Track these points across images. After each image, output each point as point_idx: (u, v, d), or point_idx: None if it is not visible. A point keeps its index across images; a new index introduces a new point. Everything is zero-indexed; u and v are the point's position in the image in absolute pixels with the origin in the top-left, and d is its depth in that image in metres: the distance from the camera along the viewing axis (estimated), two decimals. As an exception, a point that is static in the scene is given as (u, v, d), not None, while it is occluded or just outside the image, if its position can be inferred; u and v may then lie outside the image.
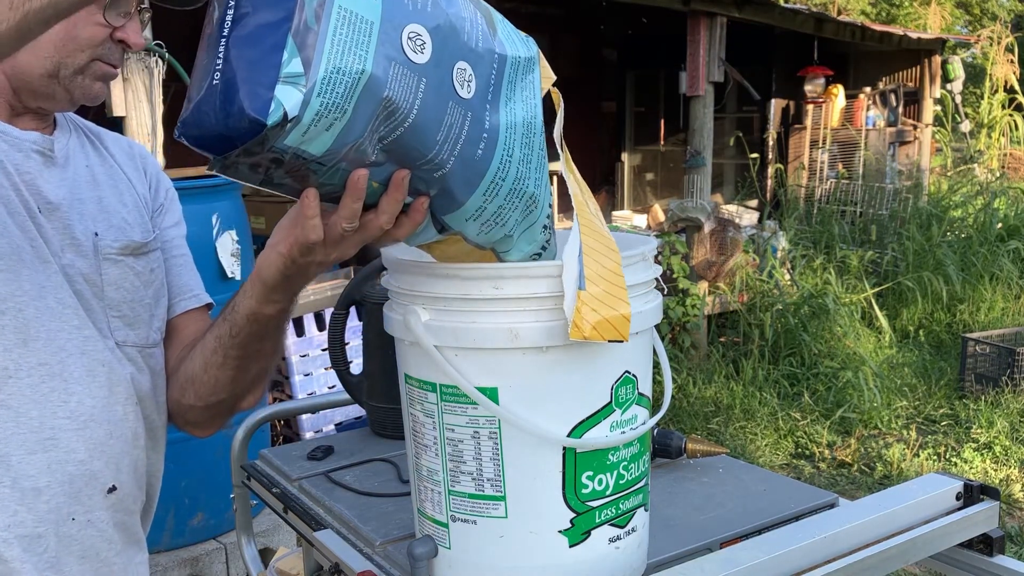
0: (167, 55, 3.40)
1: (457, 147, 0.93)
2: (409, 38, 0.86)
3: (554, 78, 1.10)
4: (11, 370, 1.08)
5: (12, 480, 1.08)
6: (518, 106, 1.01)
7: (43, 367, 1.10)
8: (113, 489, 1.18)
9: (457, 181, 0.95)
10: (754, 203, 8.32)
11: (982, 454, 4.76)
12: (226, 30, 0.81)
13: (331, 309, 1.65)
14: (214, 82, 0.80)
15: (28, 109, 1.17)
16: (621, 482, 1.07)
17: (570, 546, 1.05)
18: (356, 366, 1.70)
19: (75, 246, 1.17)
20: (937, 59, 9.69)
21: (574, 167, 1.09)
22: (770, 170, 8.76)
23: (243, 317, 1.12)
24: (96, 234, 1.19)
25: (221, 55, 0.81)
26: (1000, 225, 7.80)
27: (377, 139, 0.87)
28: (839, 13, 11.76)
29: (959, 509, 1.29)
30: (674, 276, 5.89)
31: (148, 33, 3.39)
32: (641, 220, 7.53)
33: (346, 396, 1.79)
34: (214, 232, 3.03)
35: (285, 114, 0.79)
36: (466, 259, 1.04)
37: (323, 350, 4.01)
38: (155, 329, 1.26)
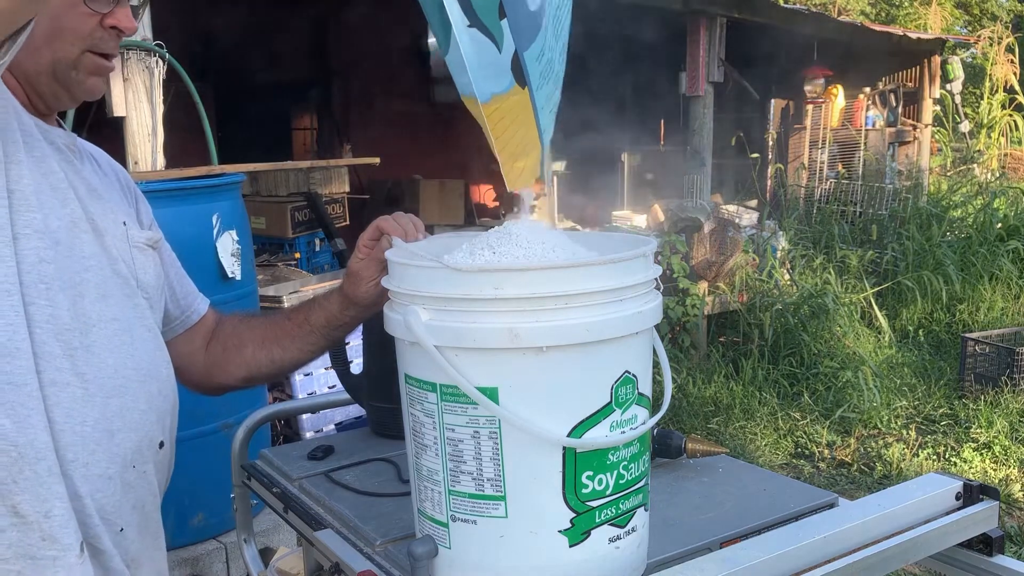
0: (167, 55, 3.40)
1: None
2: None
3: None
4: (93, 319, 1.15)
5: (95, 420, 1.14)
6: None
7: (116, 321, 1.18)
8: (162, 445, 1.26)
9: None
10: (754, 203, 8.31)
11: (981, 454, 4.76)
12: None
13: (331, 309, 1.65)
14: None
15: (39, 112, 1.20)
16: (621, 482, 1.07)
17: (570, 546, 1.06)
18: (356, 366, 1.70)
19: (114, 229, 1.23)
20: (937, 59, 9.70)
21: None
22: (770, 170, 8.76)
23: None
24: (124, 223, 1.26)
25: None
26: (1000, 225, 7.80)
27: None
28: (839, 13, 11.76)
29: (959, 509, 1.30)
30: (674, 276, 5.89)
31: (148, 33, 3.39)
32: (641, 220, 7.52)
33: (346, 396, 1.79)
34: (214, 232, 3.02)
35: None
36: (509, 124, 1.08)
37: (323, 350, 4.00)
38: (160, 318, 1.34)
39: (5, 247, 1.06)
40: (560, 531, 1.05)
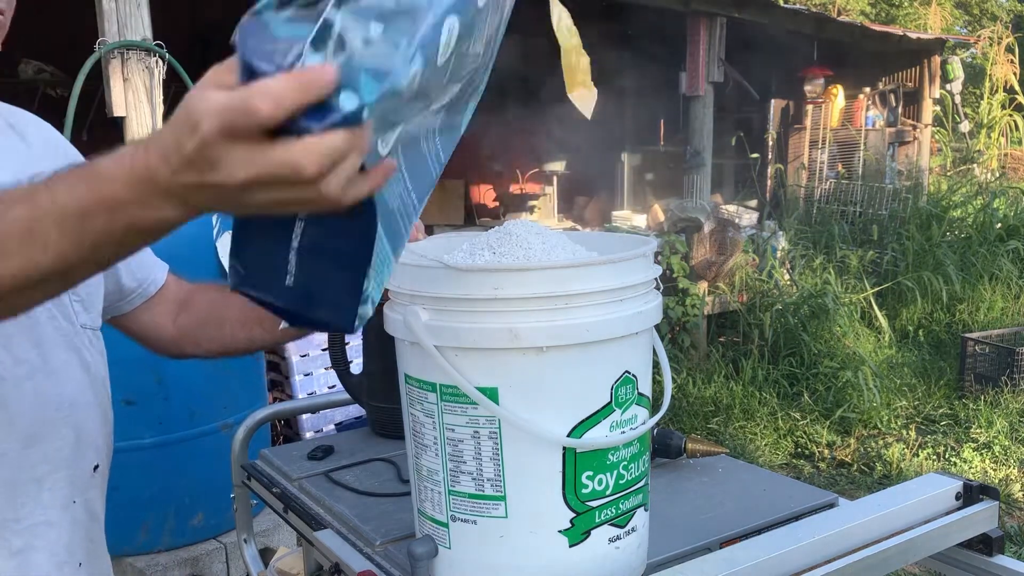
0: (167, 55, 3.40)
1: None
2: None
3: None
4: (0, 373, 1.07)
5: (12, 475, 1.09)
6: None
7: (27, 363, 1.10)
8: (97, 467, 1.22)
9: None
10: (754, 203, 8.32)
11: (981, 454, 4.76)
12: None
13: (331, 309, 1.65)
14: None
15: None
16: (621, 482, 1.07)
17: (570, 546, 1.06)
18: (356, 366, 1.70)
19: None
20: (937, 59, 9.70)
21: None
22: (770, 170, 8.76)
23: None
24: None
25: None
26: (1000, 225, 7.81)
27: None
28: (839, 13, 11.76)
29: (959, 509, 1.30)
30: (674, 276, 5.89)
31: (148, 33, 3.39)
32: (641, 220, 7.52)
33: (346, 396, 1.79)
34: (214, 232, 3.02)
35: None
36: None
37: (323, 350, 4.01)
38: (98, 312, 1.27)
39: None
40: (560, 531, 1.05)
